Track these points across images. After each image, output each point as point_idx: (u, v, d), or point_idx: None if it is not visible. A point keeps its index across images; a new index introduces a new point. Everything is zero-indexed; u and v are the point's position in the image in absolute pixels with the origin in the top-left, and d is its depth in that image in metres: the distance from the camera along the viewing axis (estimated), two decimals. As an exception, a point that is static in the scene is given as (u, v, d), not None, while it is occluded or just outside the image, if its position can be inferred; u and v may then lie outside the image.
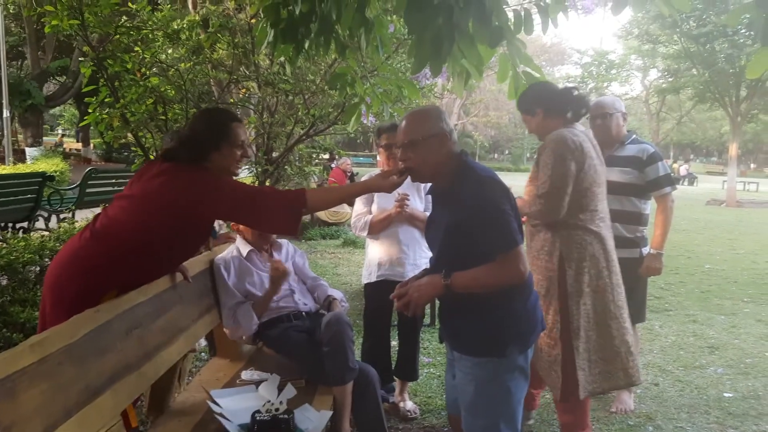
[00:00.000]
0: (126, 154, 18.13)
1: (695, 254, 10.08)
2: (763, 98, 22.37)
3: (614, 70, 31.43)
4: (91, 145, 28.57)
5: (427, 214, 3.56)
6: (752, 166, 63.40)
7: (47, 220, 8.44)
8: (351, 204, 4.14)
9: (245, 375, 2.97)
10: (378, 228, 3.58)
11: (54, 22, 4.63)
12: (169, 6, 7.29)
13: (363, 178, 3.75)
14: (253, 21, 5.49)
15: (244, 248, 3.27)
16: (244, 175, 7.30)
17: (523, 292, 2.20)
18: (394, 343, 3.92)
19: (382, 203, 3.61)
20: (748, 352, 4.96)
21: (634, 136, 3.70)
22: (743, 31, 17.40)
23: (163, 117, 5.32)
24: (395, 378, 3.77)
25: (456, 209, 2.12)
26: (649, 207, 3.69)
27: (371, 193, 3.63)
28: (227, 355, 3.23)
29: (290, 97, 6.27)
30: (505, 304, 2.15)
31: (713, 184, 35.49)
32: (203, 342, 3.80)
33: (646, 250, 3.65)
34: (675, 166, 38.30)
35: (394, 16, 4.92)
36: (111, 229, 2.27)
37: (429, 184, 3.57)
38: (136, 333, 2.23)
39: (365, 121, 4.88)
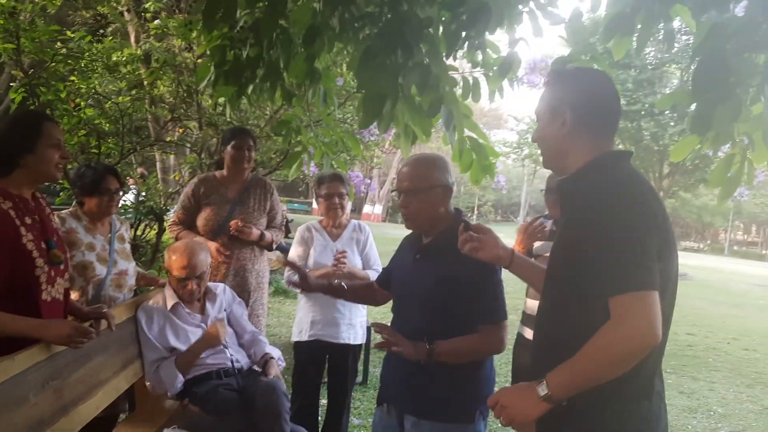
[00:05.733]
0: (48, 184, 17.37)
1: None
2: (683, 176, 23.80)
3: (548, 138, 32.78)
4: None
5: (368, 272, 3.51)
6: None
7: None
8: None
9: (167, 433, 2.79)
10: None
11: (-13, 44, 4.45)
12: (110, 38, 7.14)
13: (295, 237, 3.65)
14: (200, 61, 5.43)
15: (171, 300, 3.05)
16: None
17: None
18: (324, 401, 3.78)
19: (319, 257, 3.47)
20: (672, 424, 5.05)
21: None
22: (667, 112, 18.57)
23: (96, 150, 5.14)
24: None
25: (447, 265, 2.07)
26: None
27: (306, 245, 3.54)
28: (148, 411, 3.01)
29: (232, 140, 6.19)
30: (478, 367, 2.13)
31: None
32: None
33: None
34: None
35: (344, 70, 4.99)
36: None
37: (368, 241, 3.60)
38: (53, 385, 2.07)
39: (306, 170, 4.85)
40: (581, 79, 1.67)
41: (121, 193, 3.09)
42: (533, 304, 3.26)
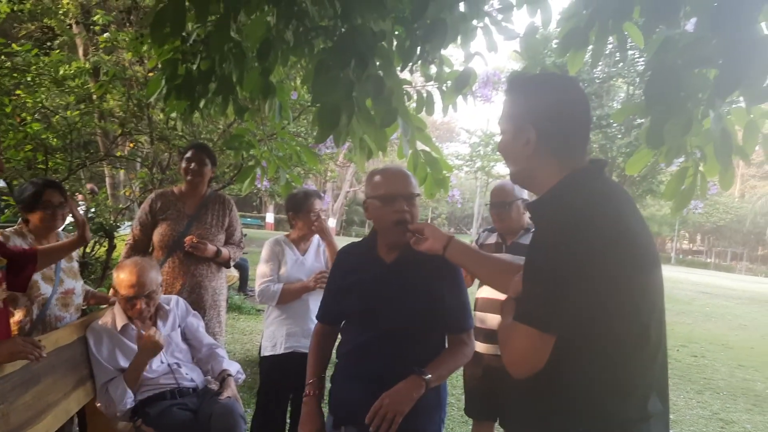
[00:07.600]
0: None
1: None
2: (631, 187, 24.55)
3: (499, 151, 33.13)
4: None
5: None
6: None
7: None
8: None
9: (119, 455, 2.71)
10: (291, 298, 3.34)
11: (-73, 58, 4.29)
12: (57, 51, 6.96)
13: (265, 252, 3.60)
14: (150, 74, 5.34)
15: (120, 320, 2.95)
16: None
17: None
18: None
19: (290, 270, 3.39)
20: None
21: None
22: (615, 124, 19.11)
23: (43, 166, 4.99)
24: None
25: (417, 280, 2.08)
26: None
27: (277, 259, 3.47)
28: (99, 433, 2.93)
29: (185, 154, 6.11)
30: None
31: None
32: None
33: None
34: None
35: (298, 83, 4.99)
36: None
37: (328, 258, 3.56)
38: (-1, 410, 1.99)
39: (259, 185, 4.79)
40: (545, 91, 1.52)
41: (66, 207, 2.97)
42: (483, 316, 3.28)
